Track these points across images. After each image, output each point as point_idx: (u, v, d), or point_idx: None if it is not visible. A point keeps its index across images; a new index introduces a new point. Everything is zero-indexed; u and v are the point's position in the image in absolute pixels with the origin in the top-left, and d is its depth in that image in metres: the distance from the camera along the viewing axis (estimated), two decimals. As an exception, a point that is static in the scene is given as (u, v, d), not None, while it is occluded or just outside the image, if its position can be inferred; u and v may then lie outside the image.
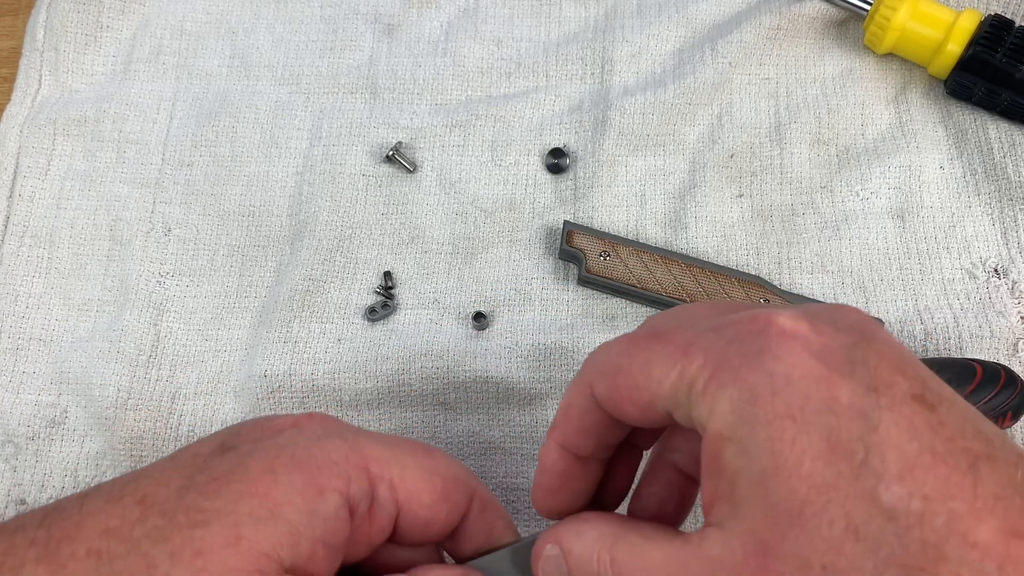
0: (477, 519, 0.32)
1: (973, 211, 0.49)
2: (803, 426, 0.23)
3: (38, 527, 0.27)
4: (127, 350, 0.48)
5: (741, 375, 0.24)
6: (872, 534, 0.21)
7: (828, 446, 0.22)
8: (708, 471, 0.25)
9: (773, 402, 0.23)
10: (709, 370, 0.25)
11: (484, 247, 0.50)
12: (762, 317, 0.25)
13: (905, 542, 0.21)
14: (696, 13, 0.55)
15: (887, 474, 0.22)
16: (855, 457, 0.22)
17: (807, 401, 0.23)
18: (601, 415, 0.29)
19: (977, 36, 0.49)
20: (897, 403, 0.23)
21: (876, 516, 0.21)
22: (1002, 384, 0.42)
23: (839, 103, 0.52)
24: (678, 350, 0.26)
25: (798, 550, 0.22)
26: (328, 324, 0.48)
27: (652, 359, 0.26)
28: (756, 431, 0.23)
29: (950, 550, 0.21)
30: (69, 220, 0.52)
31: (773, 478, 0.23)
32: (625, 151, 0.52)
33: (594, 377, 0.28)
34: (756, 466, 0.23)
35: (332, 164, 0.52)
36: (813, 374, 0.23)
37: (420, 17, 0.56)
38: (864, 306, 0.47)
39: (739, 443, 0.23)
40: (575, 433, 0.30)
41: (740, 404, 0.24)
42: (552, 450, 0.30)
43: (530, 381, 0.46)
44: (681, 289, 0.47)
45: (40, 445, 0.47)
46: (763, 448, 0.23)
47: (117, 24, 0.56)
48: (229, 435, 0.31)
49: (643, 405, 0.27)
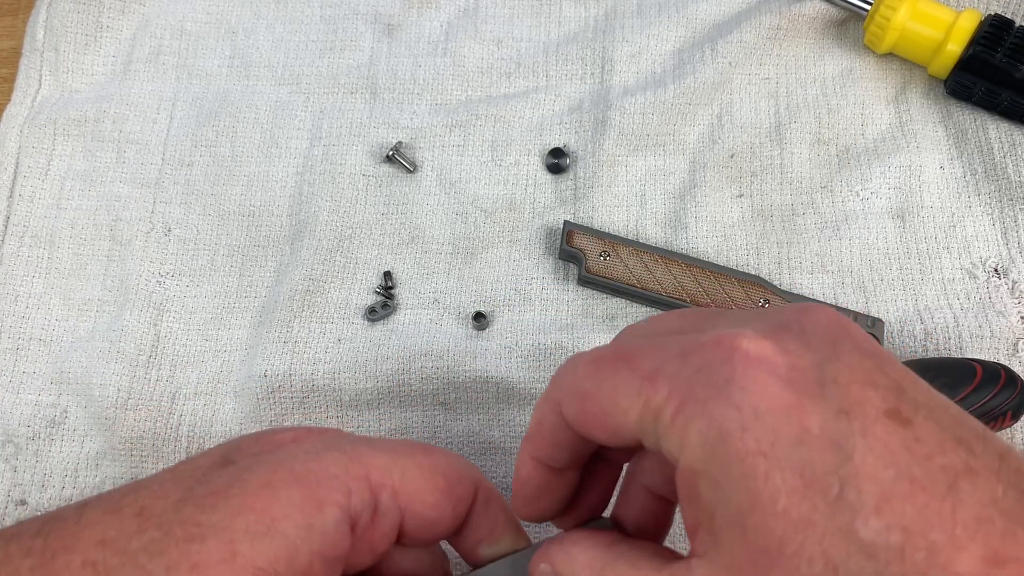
0: (481, 512, 0.32)
1: (973, 211, 0.49)
2: (775, 462, 0.22)
3: (35, 536, 0.27)
4: (127, 350, 0.48)
5: (708, 409, 0.23)
6: (852, 572, 0.21)
7: (803, 481, 0.22)
8: (686, 501, 0.25)
9: (743, 438, 0.23)
10: (676, 402, 0.24)
11: (484, 247, 0.50)
12: (727, 341, 0.24)
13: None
14: (696, 13, 0.55)
15: (864, 507, 0.21)
16: (830, 491, 0.22)
17: (778, 436, 0.23)
18: (572, 432, 0.29)
19: (977, 36, 0.49)
20: (870, 425, 0.22)
21: (855, 553, 0.21)
22: (1002, 384, 0.42)
23: (839, 103, 0.52)
24: (644, 379, 0.25)
25: None
26: (328, 324, 0.48)
27: (618, 386, 0.26)
28: (729, 468, 0.23)
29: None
30: (69, 220, 0.52)
31: (749, 515, 0.22)
32: (625, 151, 0.52)
33: (562, 397, 0.28)
34: (732, 502, 0.23)
35: (332, 164, 0.52)
36: (782, 404, 0.23)
37: (420, 17, 0.56)
38: (864, 306, 0.47)
39: (712, 478, 0.23)
40: (547, 446, 0.30)
41: (709, 440, 0.23)
42: (526, 462, 0.30)
43: (530, 381, 0.46)
44: (681, 289, 0.47)
45: (40, 445, 0.47)
46: (737, 485, 0.23)
47: (117, 24, 0.56)
48: (229, 448, 0.31)
49: (611, 431, 0.26)
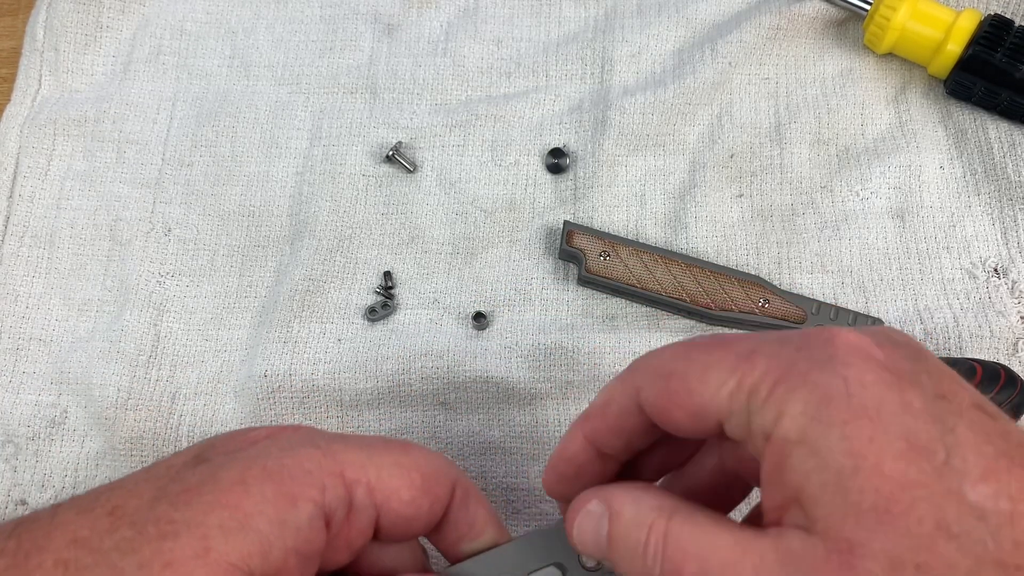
0: (460, 509, 0.32)
1: (973, 211, 0.49)
2: (881, 426, 0.23)
3: (8, 537, 0.27)
4: (127, 350, 0.48)
5: (812, 379, 0.24)
6: (964, 532, 0.21)
7: (908, 446, 0.22)
8: (771, 480, 0.24)
9: (849, 403, 0.23)
10: (774, 377, 0.24)
11: (484, 247, 0.50)
12: (827, 331, 0.25)
13: (999, 540, 0.21)
14: (696, 13, 0.55)
15: (970, 474, 0.22)
16: (937, 457, 0.22)
17: (883, 403, 0.23)
18: (639, 419, 0.28)
19: (977, 36, 0.49)
20: (965, 410, 0.23)
21: (966, 515, 0.21)
22: (1002, 384, 0.42)
23: (839, 103, 0.52)
24: (740, 357, 0.25)
25: (888, 548, 0.21)
26: (328, 324, 0.48)
27: (711, 364, 0.26)
28: (830, 431, 0.23)
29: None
30: (69, 220, 0.52)
31: (852, 477, 0.22)
32: (625, 151, 0.52)
33: (644, 379, 0.28)
34: (832, 466, 0.23)
35: (332, 164, 0.52)
36: (885, 380, 0.23)
37: (420, 17, 0.56)
38: (864, 306, 0.47)
39: (810, 445, 0.23)
40: (607, 430, 0.29)
41: (812, 406, 0.23)
42: (576, 440, 0.30)
43: (530, 381, 0.46)
44: (681, 289, 0.47)
45: (40, 445, 0.47)
46: (839, 448, 0.23)
47: (117, 24, 0.56)
48: (204, 447, 0.30)
49: (694, 412, 0.26)
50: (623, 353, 0.46)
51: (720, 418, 0.26)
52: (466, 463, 0.46)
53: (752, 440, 0.25)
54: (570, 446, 0.30)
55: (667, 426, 0.27)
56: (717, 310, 0.46)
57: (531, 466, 0.45)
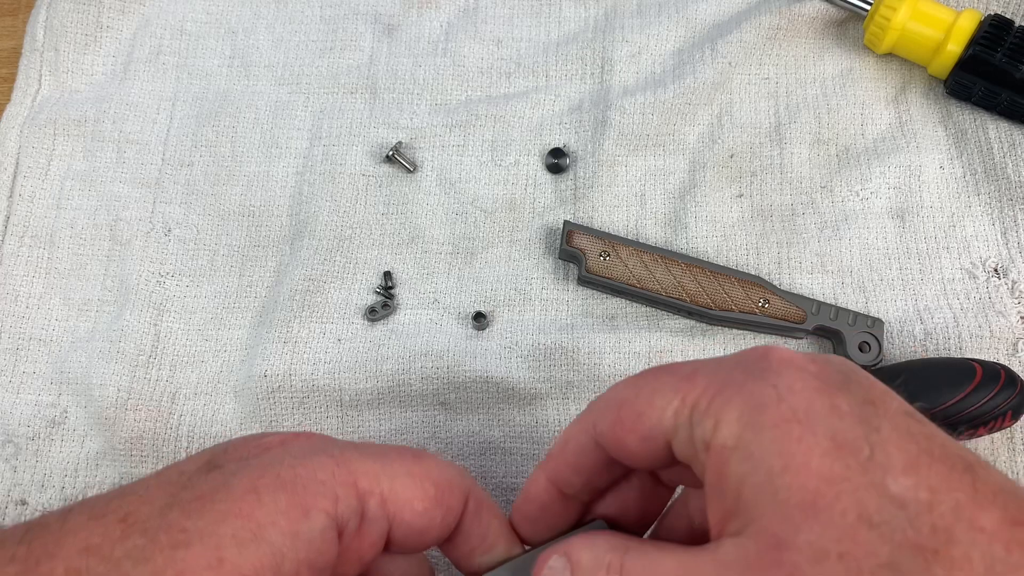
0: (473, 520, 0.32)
1: (973, 211, 0.49)
2: (809, 427, 0.24)
3: (19, 542, 0.27)
4: (127, 350, 0.48)
5: (746, 389, 0.26)
6: (885, 521, 0.22)
7: (834, 444, 0.24)
8: (713, 491, 0.26)
9: (779, 407, 0.25)
10: (712, 391, 0.26)
11: (484, 247, 0.50)
12: (762, 348, 0.27)
13: (917, 527, 0.22)
14: (696, 13, 0.55)
15: (893, 468, 0.23)
16: (862, 453, 0.23)
17: (811, 406, 0.24)
18: (597, 455, 0.30)
19: (977, 36, 0.49)
20: (891, 414, 0.24)
21: (887, 504, 0.22)
22: (1002, 384, 0.42)
23: (839, 103, 0.52)
24: (682, 378, 0.27)
25: (813, 540, 0.23)
26: (328, 324, 0.48)
27: (657, 388, 0.28)
28: (762, 435, 0.24)
29: (959, 534, 0.22)
30: (69, 220, 0.52)
31: (781, 476, 0.24)
32: (625, 151, 0.52)
33: (598, 413, 0.30)
34: (763, 468, 0.24)
35: (332, 164, 0.52)
36: (814, 386, 0.25)
37: (420, 17, 0.56)
38: (864, 306, 0.47)
39: (744, 449, 0.25)
40: (567, 468, 0.31)
41: (747, 413, 0.25)
42: (539, 481, 0.31)
43: (530, 381, 0.46)
44: (681, 289, 0.47)
45: (40, 445, 0.47)
46: (770, 449, 0.24)
47: (117, 24, 0.56)
48: (216, 453, 0.30)
49: (644, 434, 0.28)
50: (623, 353, 0.46)
51: (667, 437, 0.27)
52: (466, 463, 0.46)
53: (695, 454, 0.27)
54: (533, 488, 0.32)
55: (621, 454, 0.29)
56: (717, 310, 0.46)
57: (531, 466, 0.45)
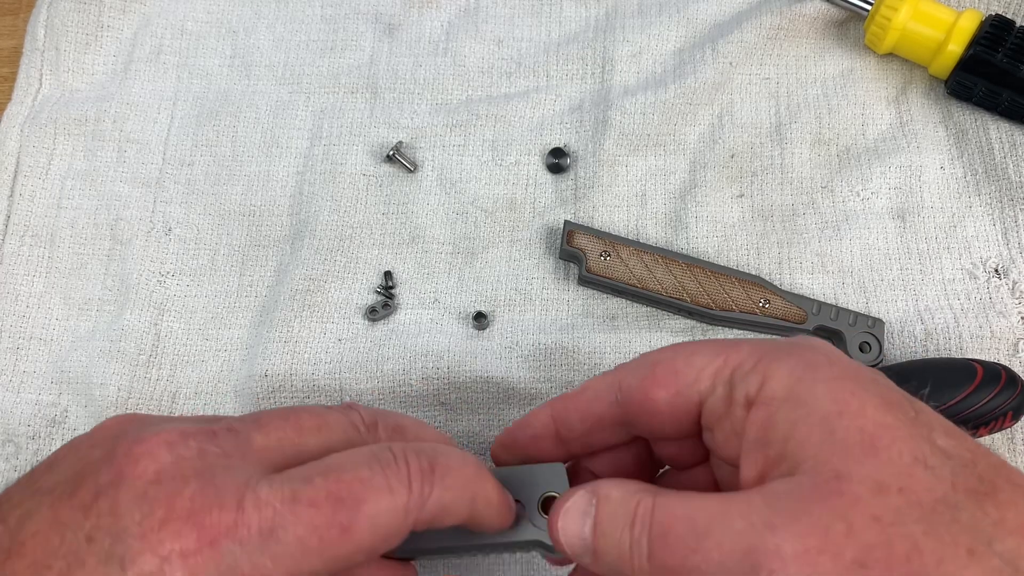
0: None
1: (974, 211, 0.49)
2: (860, 384, 0.26)
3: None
4: (127, 350, 0.48)
5: (796, 353, 0.27)
6: (937, 465, 0.24)
7: (884, 401, 0.25)
8: (755, 443, 0.26)
9: (830, 368, 0.27)
10: (758, 355, 0.28)
11: (484, 247, 0.50)
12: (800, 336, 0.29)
13: (965, 475, 0.24)
14: (697, 13, 0.55)
15: (936, 429, 0.25)
16: (909, 413, 0.25)
17: (859, 372, 0.27)
18: (610, 409, 0.30)
19: (978, 36, 0.49)
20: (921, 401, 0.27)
21: (936, 453, 0.24)
22: (1002, 384, 0.42)
23: (840, 103, 0.52)
24: (724, 345, 0.29)
25: (872, 474, 0.24)
26: (329, 324, 0.48)
27: (697, 350, 0.29)
28: (816, 387, 0.26)
29: (1001, 485, 0.24)
30: (70, 219, 0.52)
31: (838, 419, 0.25)
32: (626, 151, 0.52)
33: (628, 370, 0.30)
34: (818, 413, 0.25)
35: (333, 164, 0.52)
36: (856, 363, 0.27)
37: (421, 17, 0.56)
38: (864, 306, 0.47)
39: (796, 399, 0.26)
40: (575, 412, 0.31)
41: (799, 370, 0.27)
42: (542, 414, 0.32)
43: (530, 381, 0.46)
44: (682, 289, 0.47)
45: (40, 444, 0.47)
46: (825, 398, 0.26)
47: (118, 23, 0.56)
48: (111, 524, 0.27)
49: (677, 390, 0.29)
50: (623, 353, 0.46)
51: (701, 396, 0.28)
52: (466, 463, 0.46)
53: (732, 412, 0.27)
54: (534, 418, 0.32)
55: (644, 412, 0.30)
56: (718, 310, 0.46)
57: (531, 466, 0.45)
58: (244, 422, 0.29)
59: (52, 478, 0.27)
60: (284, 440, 0.29)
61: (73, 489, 0.26)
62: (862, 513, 0.23)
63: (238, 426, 0.29)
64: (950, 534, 0.23)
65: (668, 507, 0.26)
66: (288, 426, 0.29)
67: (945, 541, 0.22)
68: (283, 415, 0.30)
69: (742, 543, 0.24)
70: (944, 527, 0.23)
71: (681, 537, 0.25)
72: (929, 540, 0.22)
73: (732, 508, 0.25)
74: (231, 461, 0.27)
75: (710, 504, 0.25)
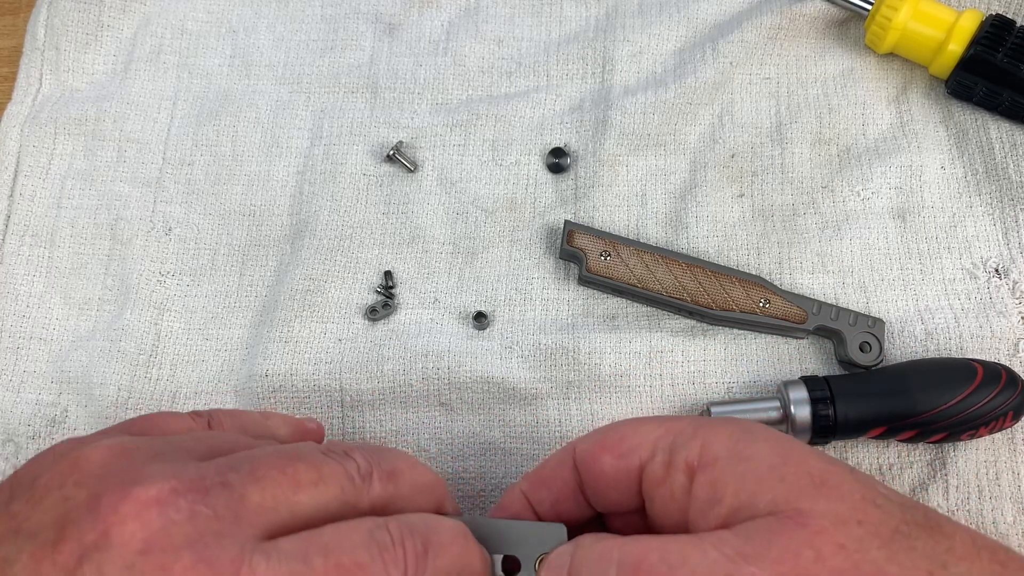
0: None
1: (974, 211, 0.49)
2: (796, 444, 0.29)
3: None
4: (127, 349, 0.48)
5: (732, 422, 0.30)
6: (886, 504, 0.27)
7: (822, 456, 0.28)
8: (703, 503, 0.28)
9: (766, 431, 0.30)
10: (696, 425, 0.30)
11: (485, 247, 0.50)
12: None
13: (913, 512, 0.27)
14: (697, 12, 0.55)
15: (874, 480, 0.28)
16: (847, 467, 0.28)
17: (791, 440, 0.30)
18: (569, 474, 0.33)
19: (978, 36, 0.49)
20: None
21: (881, 496, 0.27)
22: (1003, 384, 0.42)
23: (840, 103, 0.52)
24: (667, 418, 0.32)
25: (830, 510, 0.26)
26: (329, 324, 0.48)
27: (643, 421, 0.32)
28: (755, 445, 0.28)
29: (942, 522, 0.27)
30: (70, 219, 0.52)
31: (784, 467, 0.27)
32: (626, 151, 0.52)
33: (582, 438, 0.33)
34: (764, 464, 0.28)
35: (333, 163, 0.52)
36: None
37: (421, 16, 0.56)
38: (865, 306, 0.47)
39: (739, 455, 0.28)
40: (540, 483, 0.34)
41: (735, 433, 0.29)
42: (515, 491, 0.34)
43: (530, 381, 0.46)
44: (682, 289, 0.47)
45: (41, 444, 0.47)
46: (767, 451, 0.28)
47: (118, 23, 0.56)
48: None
49: (622, 453, 0.31)
50: (624, 353, 0.46)
51: (642, 461, 0.31)
52: (466, 463, 0.46)
53: (671, 477, 0.30)
54: (508, 498, 0.35)
55: (591, 476, 0.32)
56: (718, 310, 0.46)
57: (531, 466, 0.45)
58: (239, 472, 0.28)
59: (34, 517, 0.26)
60: (279, 499, 0.27)
61: (56, 540, 0.25)
62: (827, 541, 0.25)
63: (231, 478, 0.27)
64: (910, 559, 0.25)
65: (639, 542, 0.28)
66: (285, 480, 0.28)
67: (907, 566, 0.25)
68: (280, 465, 0.28)
69: (717, 571, 0.26)
70: (904, 553, 0.25)
71: (653, 566, 0.27)
72: (892, 566, 0.25)
73: (705, 542, 0.27)
74: (224, 526, 0.26)
75: (681, 539, 0.27)
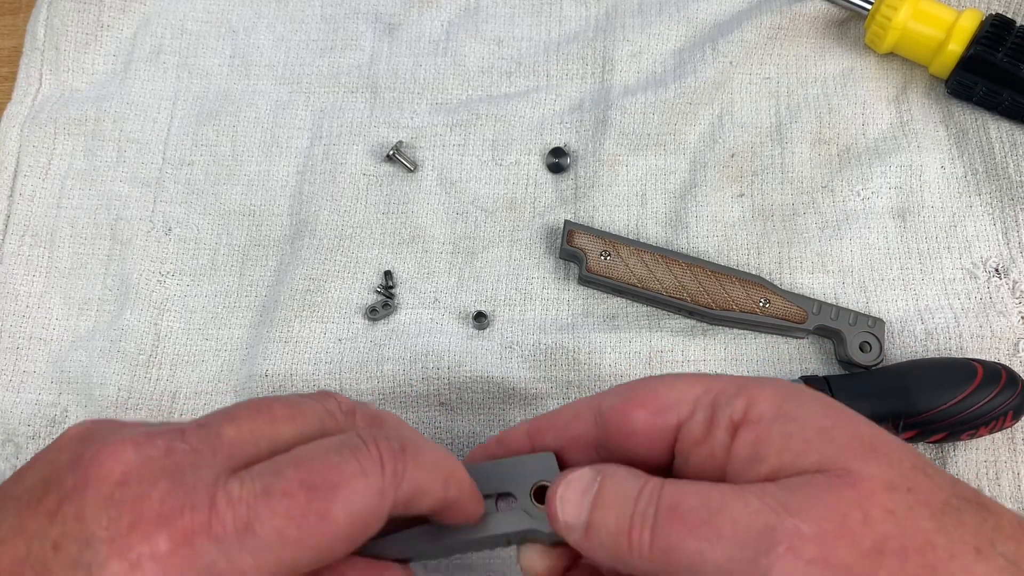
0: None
1: (974, 211, 0.49)
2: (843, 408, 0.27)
3: None
4: (127, 349, 0.48)
5: (777, 382, 0.29)
6: (936, 475, 0.26)
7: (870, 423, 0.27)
8: (747, 460, 0.27)
9: (813, 394, 0.28)
10: (739, 383, 0.29)
11: (485, 246, 0.50)
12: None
13: (961, 487, 0.26)
14: (697, 12, 0.55)
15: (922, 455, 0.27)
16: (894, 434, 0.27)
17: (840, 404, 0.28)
18: (588, 431, 0.31)
19: (978, 36, 0.49)
20: None
21: (931, 465, 0.26)
22: (1003, 384, 0.42)
23: (840, 102, 0.52)
24: (706, 375, 0.30)
25: (881, 474, 0.25)
26: (329, 324, 0.48)
27: (679, 378, 0.30)
28: (804, 407, 0.27)
29: (988, 501, 0.26)
30: (70, 219, 0.52)
31: (834, 429, 0.26)
32: (626, 150, 0.52)
33: (608, 393, 0.31)
34: (812, 425, 0.26)
35: (333, 163, 0.52)
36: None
37: (421, 16, 0.56)
38: (865, 306, 0.47)
39: (787, 416, 0.27)
40: (550, 430, 0.32)
41: (781, 392, 0.28)
42: (518, 431, 0.33)
43: (530, 381, 0.46)
44: (682, 289, 0.47)
45: (41, 444, 0.46)
46: (815, 414, 0.27)
47: (118, 23, 0.56)
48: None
49: (657, 409, 0.29)
50: (623, 353, 0.46)
51: (680, 420, 0.29)
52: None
53: (712, 436, 0.28)
54: (511, 435, 0.33)
55: (619, 432, 0.30)
56: (718, 309, 0.46)
57: (531, 466, 0.45)
58: (215, 415, 0.28)
59: (21, 485, 0.27)
60: (256, 431, 0.28)
61: (40, 496, 0.26)
62: (877, 505, 0.24)
63: (209, 420, 0.28)
64: (959, 533, 0.24)
65: (679, 485, 0.27)
66: (260, 417, 0.28)
67: (955, 539, 0.24)
68: (255, 406, 0.29)
69: (759, 521, 0.24)
70: (952, 526, 0.24)
71: (693, 510, 0.25)
72: (940, 537, 0.24)
73: (747, 492, 0.25)
74: (200, 458, 0.26)
75: (723, 487, 0.26)
